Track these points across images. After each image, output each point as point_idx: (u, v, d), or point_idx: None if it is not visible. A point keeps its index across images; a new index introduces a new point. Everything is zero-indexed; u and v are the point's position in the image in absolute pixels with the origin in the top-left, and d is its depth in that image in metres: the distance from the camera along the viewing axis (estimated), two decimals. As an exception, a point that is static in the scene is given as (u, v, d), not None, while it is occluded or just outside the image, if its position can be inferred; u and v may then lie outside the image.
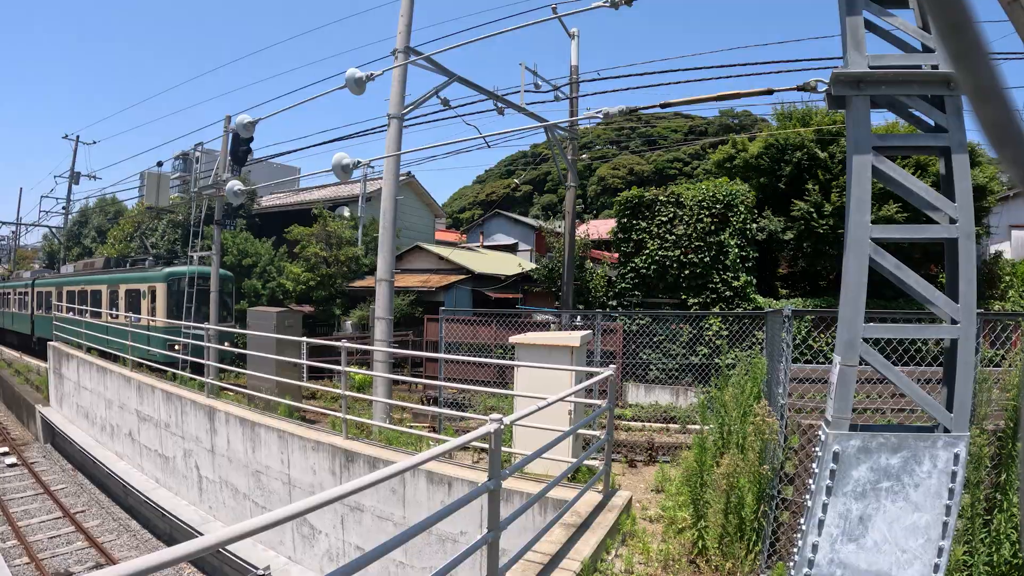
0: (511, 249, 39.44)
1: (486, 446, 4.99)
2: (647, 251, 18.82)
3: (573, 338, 9.47)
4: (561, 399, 7.01)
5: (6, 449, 20.37)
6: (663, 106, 10.06)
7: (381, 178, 14.48)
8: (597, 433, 8.96)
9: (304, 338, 15.01)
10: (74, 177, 45.77)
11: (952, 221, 4.78)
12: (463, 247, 35.31)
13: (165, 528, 13.62)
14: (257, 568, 10.55)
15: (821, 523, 4.89)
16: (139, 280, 24.44)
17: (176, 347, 18.98)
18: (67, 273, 32.08)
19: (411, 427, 11.33)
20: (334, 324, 27.65)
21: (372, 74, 11.97)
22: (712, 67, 17.94)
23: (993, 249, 20.28)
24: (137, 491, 14.55)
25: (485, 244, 40.19)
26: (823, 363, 7.98)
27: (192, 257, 21.84)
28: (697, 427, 9.80)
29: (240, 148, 16.45)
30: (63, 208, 46.38)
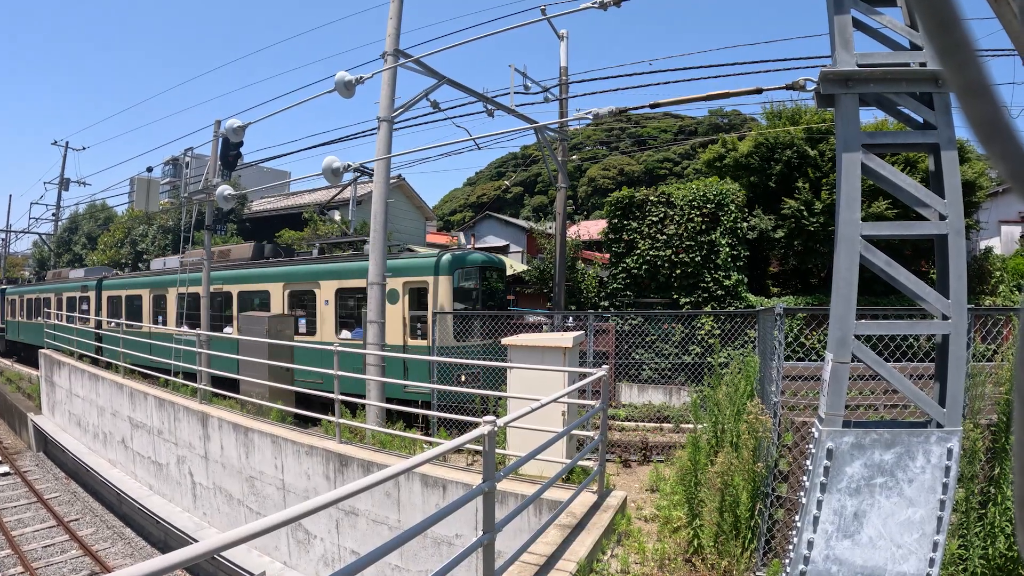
0: (502, 251, 39.40)
1: (480, 448, 4.99)
2: (638, 251, 18.83)
3: (565, 339, 9.47)
4: (554, 400, 7.01)
5: (-2, 458, 20.26)
6: (653, 106, 10.07)
7: (371, 181, 14.46)
8: (591, 434, 8.97)
9: (296, 343, 14.98)
10: (64, 183, 45.56)
11: (942, 217, 4.80)
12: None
13: (159, 535, 13.56)
14: (253, 574, 10.52)
15: (816, 520, 4.90)
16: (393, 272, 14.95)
17: (463, 377, 14.54)
18: (165, 269, 22.91)
19: (404, 430, 11.30)
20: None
21: (362, 77, 11.95)
22: (701, 67, 18.00)
23: (983, 245, 20.37)
24: (131, 498, 14.48)
25: (476, 246, 40.16)
26: (816, 360, 8.01)
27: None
28: (691, 426, 9.82)
29: (230, 152, 16.41)
30: (53, 215, 46.17)
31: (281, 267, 18.43)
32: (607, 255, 20.87)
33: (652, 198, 19.12)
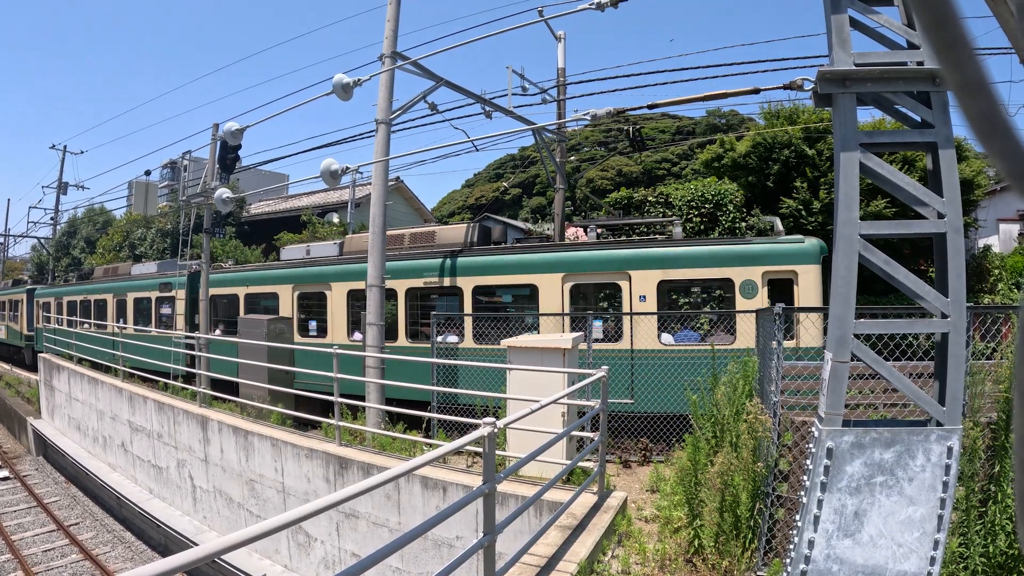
0: (502, 252, 39.29)
1: (480, 450, 4.99)
2: (638, 251, 18.79)
3: (565, 340, 9.47)
4: (554, 401, 7.01)
5: (-3, 463, 20.25)
6: (650, 107, 10.08)
7: (370, 184, 14.46)
8: (591, 434, 8.97)
9: (295, 345, 14.98)
10: (62, 187, 45.52)
11: (940, 216, 4.80)
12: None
13: (160, 539, 13.56)
14: (253, 577, 10.51)
15: (816, 519, 4.90)
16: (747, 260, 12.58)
17: None
18: (317, 259, 18.12)
19: (404, 432, 11.30)
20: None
21: (359, 79, 11.95)
22: (699, 67, 18.04)
23: (981, 243, 20.38)
24: (131, 502, 14.47)
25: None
26: (815, 360, 8.00)
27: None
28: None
29: (228, 155, 16.42)
30: (51, 219, 46.10)
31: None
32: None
33: (651, 199, 19.14)
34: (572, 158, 40.21)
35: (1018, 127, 0.53)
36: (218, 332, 19.03)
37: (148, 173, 30.76)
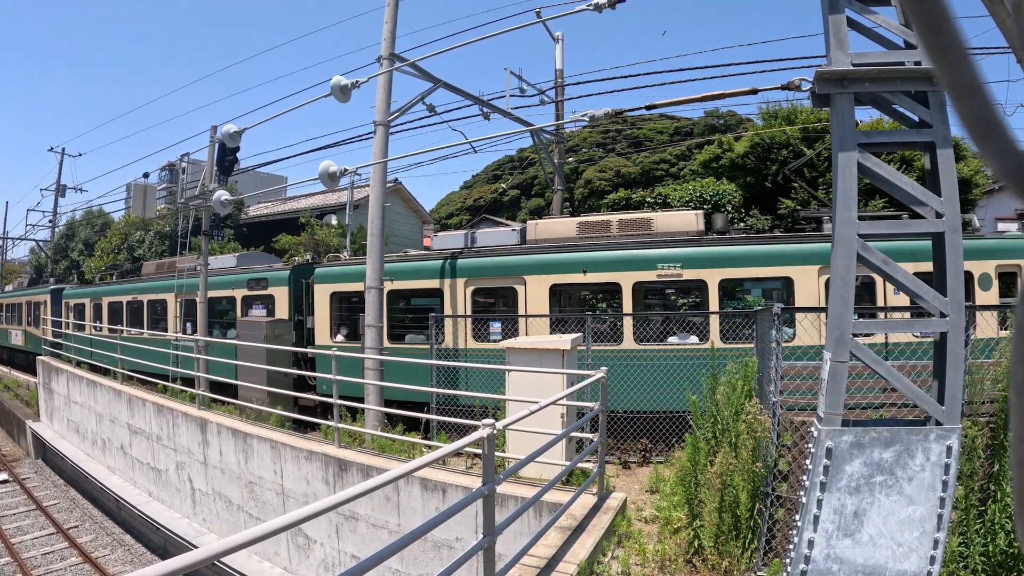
0: (501, 253, 39.28)
1: (480, 451, 4.99)
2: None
3: (563, 341, 9.47)
4: (553, 402, 7.01)
5: (-4, 466, 20.22)
6: (648, 108, 10.10)
7: (368, 185, 14.46)
8: (590, 435, 8.97)
9: (294, 347, 14.98)
10: (60, 190, 45.50)
11: (938, 215, 4.81)
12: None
13: (159, 541, 13.54)
14: (253, 580, 10.51)
15: (816, 519, 4.91)
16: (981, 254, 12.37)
17: None
18: (500, 247, 15.18)
19: (404, 434, 11.29)
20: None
21: (357, 81, 11.96)
22: (696, 68, 18.07)
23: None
24: (130, 505, 14.46)
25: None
26: (814, 360, 8.01)
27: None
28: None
29: (226, 158, 16.40)
30: (50, 221, 46.09)
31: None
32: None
33: (649, 199, 19.18)
34: (570, 159, 40.21)
35: (1012, 128, 0.54)
36: (340, 337, 15.96)
37: (146, 175, 30.72)
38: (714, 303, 12.51)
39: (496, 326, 13.81)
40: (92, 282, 31.09)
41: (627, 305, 12.87)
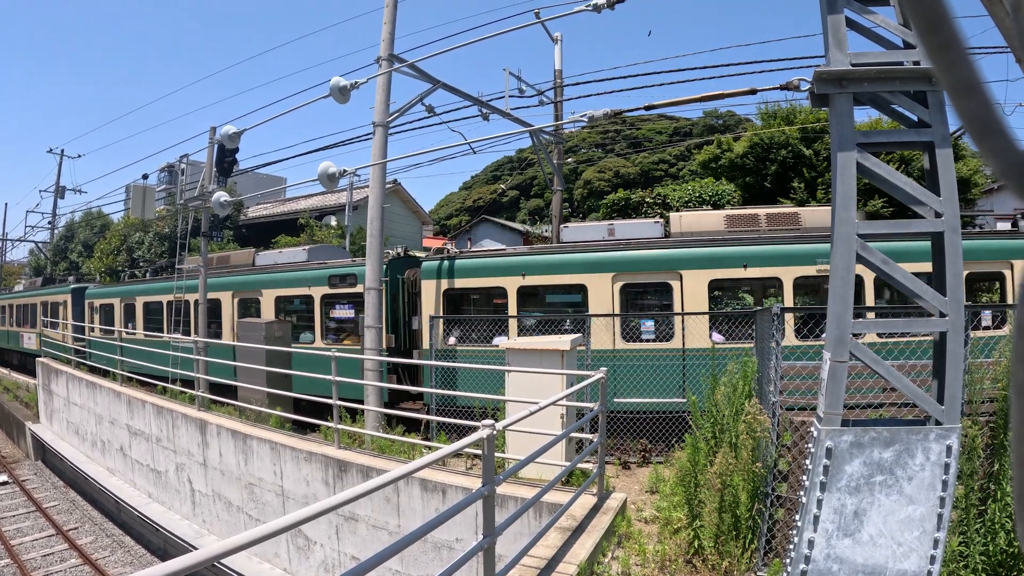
0: (500, 254, 39.27)
1: (479, 452, 4.99)
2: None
3: (563, 342, 9.47)
4: (553, 403, 7.01)
5: (-4, 468, 20.21)
6: (647, 108, 10.11)
7: (367, 186, 14.46)
8: (590, 436, 8.97)
9: (294, 348, 14.97)
10: (59, 191, 45.48)
11: (937, 215, 4.81)
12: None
13: (159, 543, 13.53)
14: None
15: (816, 519, 4.91)
16: None
17: None
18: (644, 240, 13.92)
19: (404, 435, 11.29)
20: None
21: (356, 82, 11.97)
22: (695, 68, 18.07)
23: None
24: (130, 506, 14.45)
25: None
26: (813, 360, 8.00)
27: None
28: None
29: (226, 159, 16.41)
30: (49, 223, 46.10)
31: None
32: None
33: (648, 200, 19.20)
34: (569, 160, 40.22)
35: (1012, 127, 0.54)
36: (453, 340, 14.07)
37: (145, 177, 30.63)
38: (870, 298, 12.02)
39: (649, 325, 12.78)
40: (121, 280, 29.08)
41: (788, 300, 12.22)
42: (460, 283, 14.31)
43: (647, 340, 12.52)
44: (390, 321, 15.04)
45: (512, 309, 13.68)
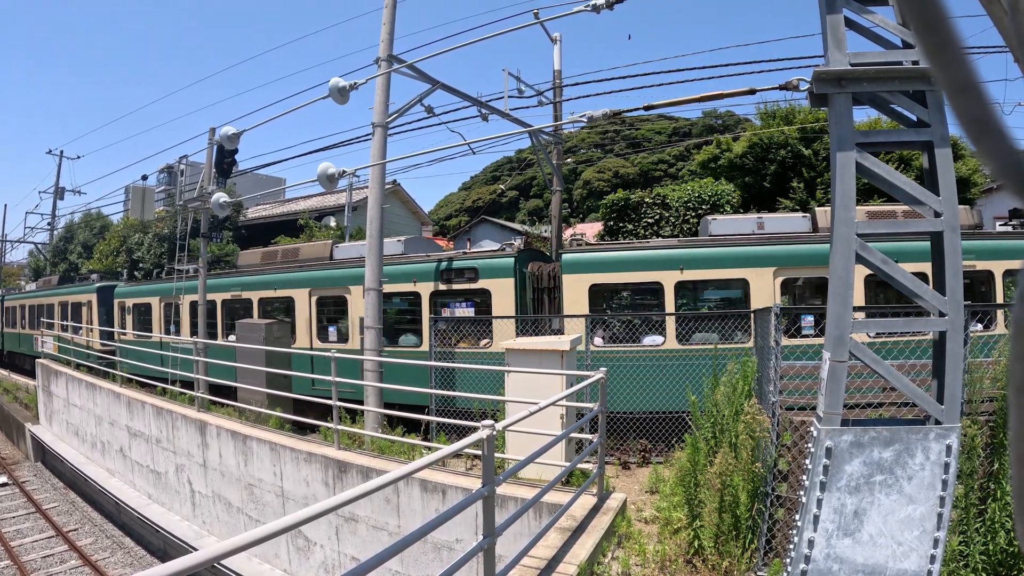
0: (500, 255, 39.27)
1: (479, 452, 4.99)
2: (636, 253, 18.73)
3: (563, 342, 9.47)
4: (552, 403, 7.01)
5: (-4, 469, 20.20)
6: (647, 108, 10.10)
7: (367, 187, 14.45)
8: (590, 436, 8.97)
9: (293, 349, 14.95)
10: (59, 192, 45.45)
11: (937, 215, 4.81)
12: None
13: (159, 544, 13.53)
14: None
15: (816, 519, 4.91)
16: None
17: None
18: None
19: (403, 436, 11.28)
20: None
21: (356, 83, 11.97)
22: (694, 68, 18.07)
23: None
24: (130, 508, 14.45)
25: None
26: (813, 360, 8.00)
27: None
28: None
29: (225, 160, 16.39)
30: (48, 224, 46.08)
31: None
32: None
33: (647, 200, 19.17)
34: (569, 160, 40.21)
35: (1009, 127, 0.54)
36: (599, 340, 13.07)
37: (145, 178, 30.54)
38: (999, 295, 11.98)
39: (809, 320, 11.85)
40: (153, 277, 25.69)
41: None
42: (609, 277, 13.34)
43: (807, 335, 11.39)
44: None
45: (669, 306, 12.88)
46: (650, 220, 18.82)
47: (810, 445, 5.09)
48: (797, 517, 5.19)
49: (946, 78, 0.53)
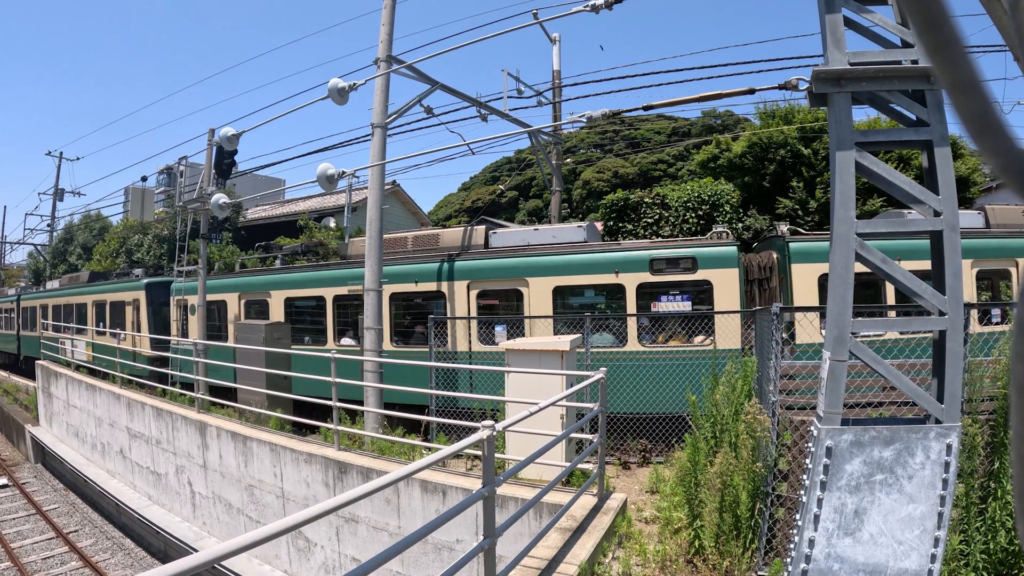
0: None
1: (479, 453, 4.98)
2: (636, 253, 18.71)
3: (563, 342, 9.47)
4: (552, 403, 7.00)
5: (-4, 471, 20.19)
6: (646, 108, 10.10)
7: (366, 188, 14.45)
8: (590, 436, 8.96)
9: (292, 350, 14.94)
10: (58, 194, 45.41)
11: (936, 214, 4.81)
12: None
13: (159, 545, 13.53)
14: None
15: (816, 518, 4.91)
16: None
17: None
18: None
19: (404, 436, 11.27)
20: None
21: (355, 84, 11.97)
22: (694, 68, 18.08)
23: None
24: (130, 509, 14.44)
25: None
26: (813, 359, 8.00)
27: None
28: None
29: (224, 161, 16.39)
30: (48, 225, 46.05)
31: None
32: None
33: (647, 200, 19.13)
34: (568, 160, 40.21)
35: (1010, 125, 0.54)
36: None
37: (144, 179, 30.52)
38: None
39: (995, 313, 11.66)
40: (228, 269, 22.63)
41: None
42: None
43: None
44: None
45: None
46: (650, 220, 18.80)
47: (810, 444, 5.08)
48: (797, 516, 5.18)
49: (948, 76, 0.53)
